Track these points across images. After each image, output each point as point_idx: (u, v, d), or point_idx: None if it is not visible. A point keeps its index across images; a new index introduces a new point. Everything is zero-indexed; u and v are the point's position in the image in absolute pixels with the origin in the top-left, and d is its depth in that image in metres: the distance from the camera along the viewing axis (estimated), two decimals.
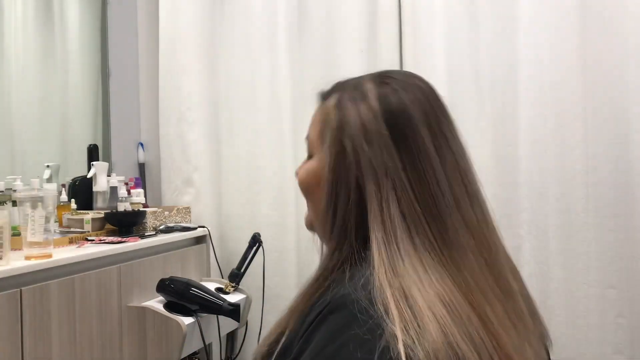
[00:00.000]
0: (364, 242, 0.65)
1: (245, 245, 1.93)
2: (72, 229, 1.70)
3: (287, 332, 0.67)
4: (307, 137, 0.76)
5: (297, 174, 0.77)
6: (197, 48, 2.20)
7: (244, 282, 1.90)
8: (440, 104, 0.70)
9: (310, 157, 0.75)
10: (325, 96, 0.75)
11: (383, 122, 0.66)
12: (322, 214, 0.70)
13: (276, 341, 0.67)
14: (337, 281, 0.64)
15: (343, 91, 0.72)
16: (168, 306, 1.62)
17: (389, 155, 0.65)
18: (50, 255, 1.31)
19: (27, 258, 1.28)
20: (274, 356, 0.66)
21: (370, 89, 0.69)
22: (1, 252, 1.21)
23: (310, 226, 0.77)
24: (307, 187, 0.75)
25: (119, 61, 2.25)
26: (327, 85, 0.77)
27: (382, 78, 0.71)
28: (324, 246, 0.72)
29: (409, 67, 1.98)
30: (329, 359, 0.56)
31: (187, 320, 1.59)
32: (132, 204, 1.83)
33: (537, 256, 1.85)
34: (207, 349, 1.81)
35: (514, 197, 1.89)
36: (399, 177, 0.64)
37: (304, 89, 2.15)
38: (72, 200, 1.81)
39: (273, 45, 2.16)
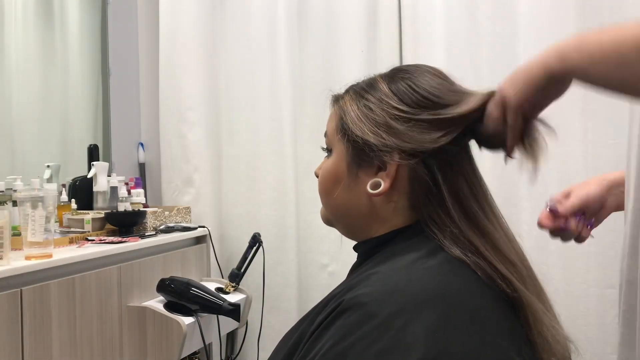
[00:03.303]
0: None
1: (246, 245, 1.93)
2: (72, 229, 1.70)
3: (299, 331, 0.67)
4: (325, 134, 0.78)
5: (316, 174, 0.79)
6: (197, 48, 2.20)
7: (244, 282, 1.90)
8: (450, 81, 0.75)
9: (328, 151, 0.77)
10: (338, 97, 0.77)
11: (400, 102, 0.69)
12: (346, 206, 0.73)
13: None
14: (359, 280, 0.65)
15: (356, 87, 0.75)
16: (168, 306, 1.62)
17: (419, 132, 0.68)
18: (50, 255, 1.31)
19: (27, 258, 1.28)
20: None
21: (381, 81, 0.73)
22: (1, 252, 1.21)
23: (328, 221, 0.79)
24: (327, 188, 0.76)
25: (119, 61, 2.25)
26: (327, 86, 0.78)
27: (392, 72, 0.74)
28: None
29: None
30: (340, 356, 0.57)
31: (187, 320, 1.59)
32: (132, 204, 1.83)
33: (537, 256, 1.84)
34: (207, 349, 1.81)
35: (514, 197, 1.89)
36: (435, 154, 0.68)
37: (304, 89, 2.15)
38: (73, 200, 1.81)
39: (273, 45, 2.16)
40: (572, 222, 0.88)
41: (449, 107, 0.69)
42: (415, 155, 0.67)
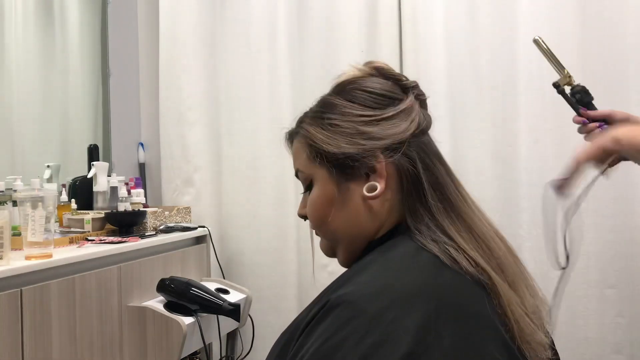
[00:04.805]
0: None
1: (244, 245, 1.92)
2: (72, 229, 1.70)
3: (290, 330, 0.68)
4: (297, 172, 0.78)
5: (302, 216, 0.79)
6: (197, 48, 2.20)
7: (244, 283, 1.90)
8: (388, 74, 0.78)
9: (308, 188, 0.76)
10: (293, 132, 0.80)
11: (363, 108, 0.72)
12: (345, 222, 0.73)
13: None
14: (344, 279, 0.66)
15: (309, 113, 0.77)
16: (168, 306, 1.62)
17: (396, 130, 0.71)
18: (50, 255, 1.31)
19: (28, 258, 1.28)
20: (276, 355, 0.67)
21: (334, 98, 0.75)
22: (1, 252, 1.21)
23: (330, 249, 0.78)
24: (321, 216, 0.75)
25: (119, 61, 2.25)
26: (327, 86, 0.79)
27: (338, 88, 0.76)
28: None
29: (408, 67, 1.98)
30: (332, 350, 0.57)
31: (187, 320, 1.59)
32: (132, 204, 1.83)
33: (537, 256, 1.85)
34: (207, 349, 1.81)
35: (514, 197, 1.89)
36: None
37: (304, 89, 2.15)
38: (73, 200, 1.81)
39: (273, 45, 2.16)
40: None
41: (402, 100, 0.73)
42: (396, 149, 0.70)
